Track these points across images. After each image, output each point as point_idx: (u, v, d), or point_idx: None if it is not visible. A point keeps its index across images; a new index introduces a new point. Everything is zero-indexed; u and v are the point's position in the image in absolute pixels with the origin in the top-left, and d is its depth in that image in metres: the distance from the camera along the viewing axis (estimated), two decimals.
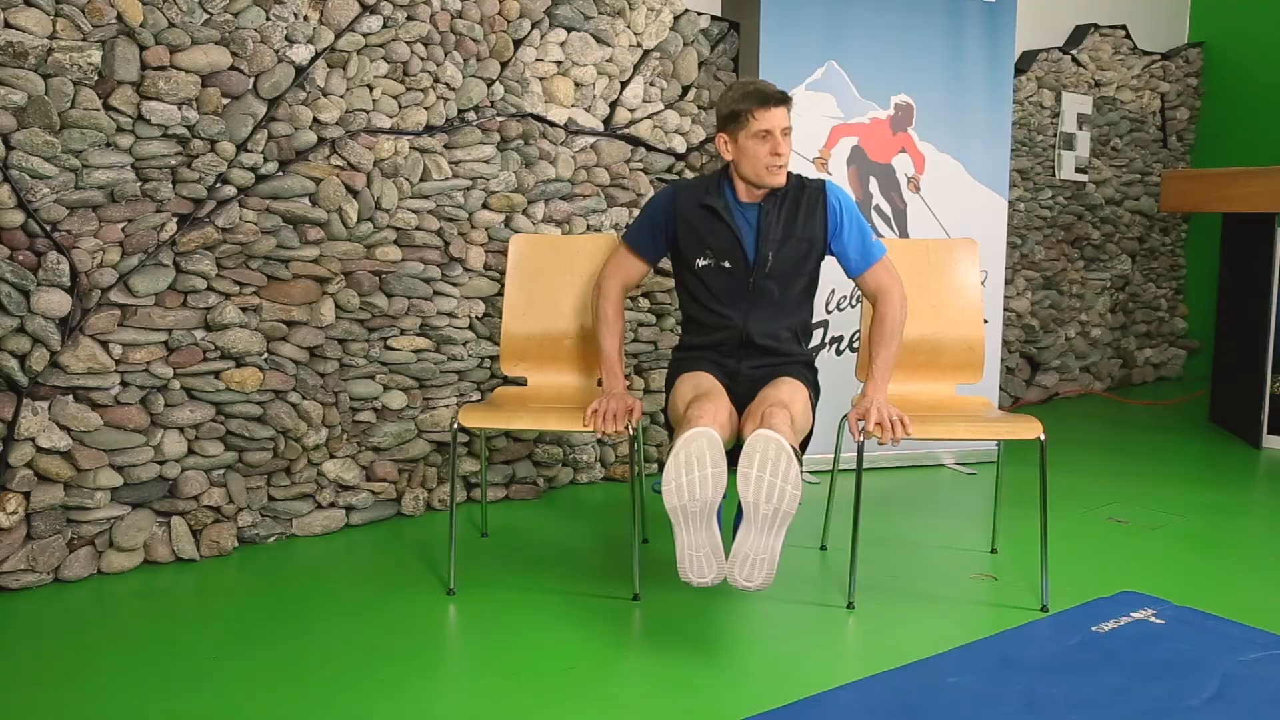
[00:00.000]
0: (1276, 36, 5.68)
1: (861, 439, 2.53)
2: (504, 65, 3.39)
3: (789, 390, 2.46)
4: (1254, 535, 3.21)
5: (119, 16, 2.66)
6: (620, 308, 2.77)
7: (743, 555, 2.06)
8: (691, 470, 2.03)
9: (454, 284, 3.34)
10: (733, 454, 2.26)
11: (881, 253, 2.67)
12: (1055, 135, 5.21)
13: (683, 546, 2.08)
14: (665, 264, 2.87)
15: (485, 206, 3.39)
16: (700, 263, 2.61)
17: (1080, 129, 5.30)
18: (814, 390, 2.64)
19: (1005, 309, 4.98)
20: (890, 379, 2.67)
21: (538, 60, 3.47)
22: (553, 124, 3.53)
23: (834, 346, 3.89)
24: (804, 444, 2.52)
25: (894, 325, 2.65)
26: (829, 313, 3.85)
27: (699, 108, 3.87)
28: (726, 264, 2.59)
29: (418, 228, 3.24)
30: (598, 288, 2.78)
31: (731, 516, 2.36)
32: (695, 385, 2.50)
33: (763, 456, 2.02)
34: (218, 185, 2.85)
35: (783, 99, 2.52)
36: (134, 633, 2.40)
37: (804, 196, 2.61)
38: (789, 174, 2.60)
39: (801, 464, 2.28)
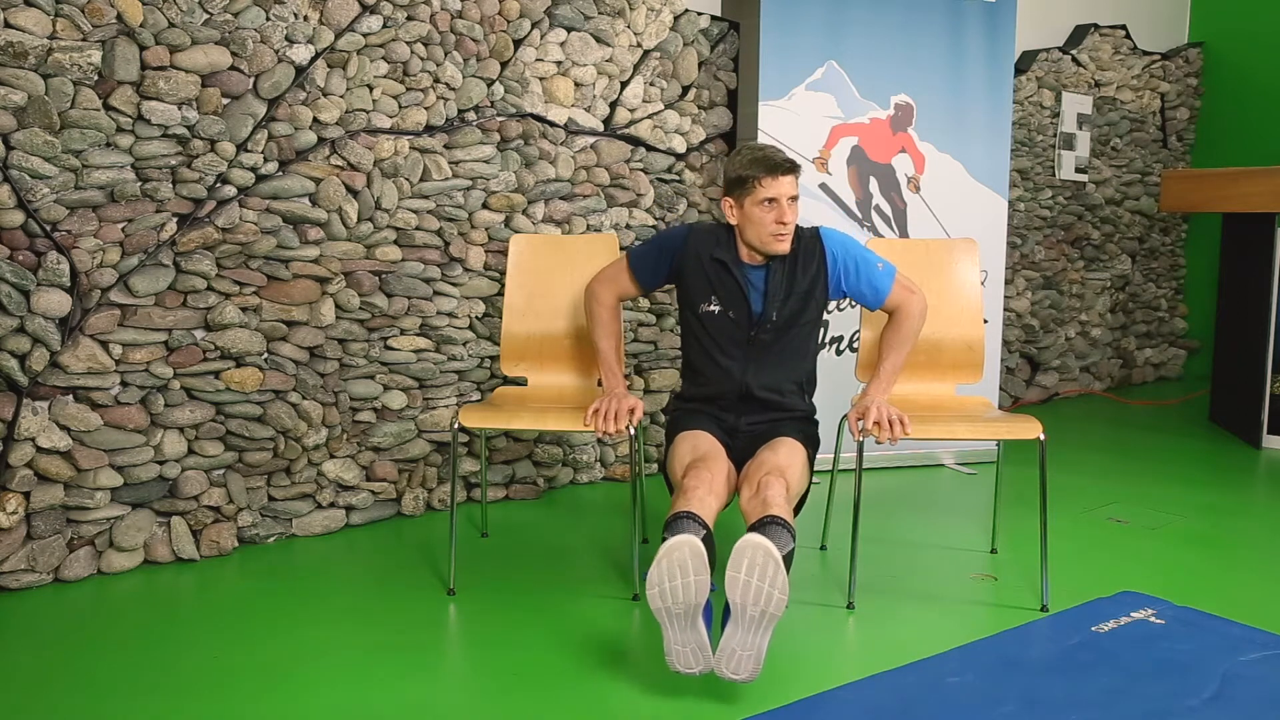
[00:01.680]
0: (1276, 36, 5.67)
1: (860, 438, 2.53)
2: (504, 65, 3.39)
3: (786, 454, 2.44)
4: (1254, 535, 3.21)
5: (119, 16, 2.66)
6: (615, 311, 2.76)
7: (729, 650, 2.06)
8: (674, 578, 2.04)
9: (454, 284, 3.34)
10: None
11: (891, 277, 2.65)
12: (1055, 135, 5.21)
13: (669, 641, 2.09)
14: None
15: (485, 206, 3.38)
16: (705, 308, 2.60)
17: (1080, 129, 5.30)
18: (812, 446, 2.62)
19: (1005, 309, 4.98)
20: (895, 382, 2.67)
21: (538, 60, 3.47)
22: (553, 124, 3.53)
23: (834, 346, 3.89)
24: (800, 503, 2.52)
25: (909, 332, 2.65)
26: (829, 313, 3.85)
27: (699, 108, 3.87)
28: (731, 314, 2.58)
29: (418, 228, 3.24)
30: (591, 292, 2.77)
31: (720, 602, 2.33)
32: (694, 447, 2.48)
33: (750, 562, 2.02)
34: (218, 185, 2.85)
35: (791, 168, 2.49)
36: (134, 633, 2.40)
37: (801, 248, 2.59)
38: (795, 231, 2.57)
39: (797, 516, 2.37)
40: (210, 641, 2.36)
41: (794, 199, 2.50)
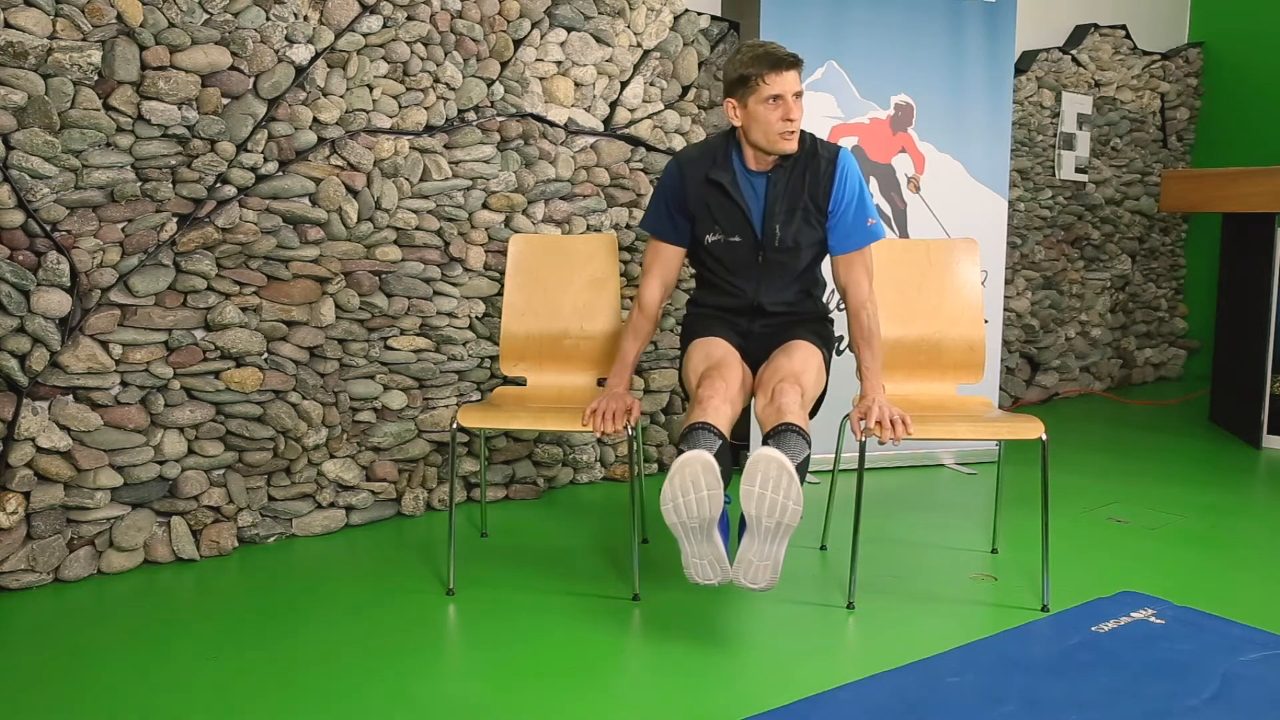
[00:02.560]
0: (1276, 36, 5.68)
1: (863, 438, 2.53)
2: (504, 65, 3.39)
3: (801, 358, 2.45)
4: (1254, 535, 3.21)
5: (119, 16, 2.66)
6: (655, 318, 2.71)
7: (747, 561, 2.09)
8: (688, 493, 2.06)
9: (454, 284, 3.34)
10: (746, 413, 2.40)
11: (864, 243, 2.60)
12: (1055, 135, 5.21)
13: (686, 555, 2.11)
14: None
15: (485, 206, 3.39)
16: (709, 238, 2.59)
17: (1080, 129, 5.30)
18: (827, 347, 2.62)
19: (1005, 309, 4.98)
20: (882, 375, 2.63)
21: (538, 60, 3.47)
22: (553, 124, 3.53)
23: (834, 347, 3.89)
24: (817, 405, 2.52)
25: (868, 324, 2.60)
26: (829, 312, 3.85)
27: (699, 108, 3.87)
28: (736, 238, 2.56)
29: (418, 228, 3.24)
30: (637, 299, 2.72)
31: (736, 516, 2.36)
32: (707, 355, 2.49)
33: (764, 475, 2.04)
34: (218, 185, 2.85)
35: (794, 62, 2.45)
36: (134, 633, 2.40)
37: (814, 163, 2.54)
38: (803, 135, 2.55)
39: (812, 418, 2.41)
40: (210, 641, 2.36)
41: (799, 95, 2.46)
